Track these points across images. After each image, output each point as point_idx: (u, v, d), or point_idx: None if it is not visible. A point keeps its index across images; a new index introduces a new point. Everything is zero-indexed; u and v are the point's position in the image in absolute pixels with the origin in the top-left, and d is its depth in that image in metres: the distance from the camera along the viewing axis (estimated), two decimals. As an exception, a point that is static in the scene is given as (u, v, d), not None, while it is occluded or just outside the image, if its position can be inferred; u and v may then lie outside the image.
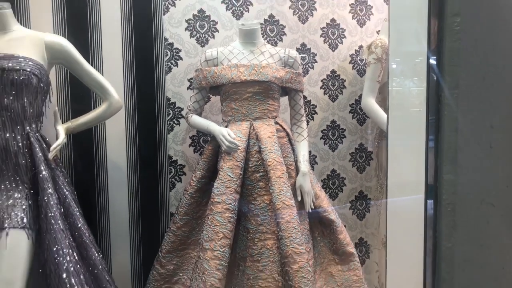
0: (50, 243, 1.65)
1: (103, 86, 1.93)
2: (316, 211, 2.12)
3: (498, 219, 1.53)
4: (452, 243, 1.50)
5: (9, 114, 1.68)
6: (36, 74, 1.72)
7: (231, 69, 2.05)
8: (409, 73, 1.72)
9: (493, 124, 1.50)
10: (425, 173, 1.57)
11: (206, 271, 1.84)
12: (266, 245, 1.95)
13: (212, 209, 1.94)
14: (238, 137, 2.02)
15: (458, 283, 1.53)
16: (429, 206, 1.55)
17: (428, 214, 1.56)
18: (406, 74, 1.73)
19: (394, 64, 1.79)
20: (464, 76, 1.46)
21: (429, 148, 1.56)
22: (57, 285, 1.63)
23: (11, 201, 1.66)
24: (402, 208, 1.75)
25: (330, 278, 2.10)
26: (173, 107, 2.33)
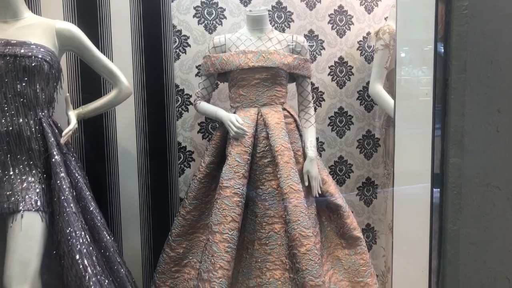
0: (63, 225, 1.69)
1: (113, 73, 1.95)
2: (323, 196, 2.14)
3: (504, 202, 1.55)
4: (458, 226, 1.52)
5: (22, 100, 1.71)
6: (48, 61, 1.75)
7: (239, 56, 2.07)
8: (417, 62, 1.72)
9: (500, 108, 1.51)
10: (432, 162, 1.59)
11: (215, 253, 1.87)
12: (273, 228, 1.98)
13: (220, 193, 1.97)
14: (246, 123, 2.04)
15: (463, 265, 1.55)
16: (435, 195, 1.57)
17: (434, 203, 1.59)
18: (414, 63, 1.74)
19: (402, 53, 1.80)
20: (472, 60, 1.47)
21: (436, 137, 1.58)
22: (70, 266, 1.67)
23: (25, 185, 1.71)
24: (408, 196, 1.78)
25: (337, 262, 2.14)
26: (182, 94, 2.35)
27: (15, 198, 1.68)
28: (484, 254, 1.52)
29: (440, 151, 1.55)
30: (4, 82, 1.68)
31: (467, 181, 1.48)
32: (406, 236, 1.76)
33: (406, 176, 1.78)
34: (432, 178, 1.59)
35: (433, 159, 1.59)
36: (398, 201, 1.86)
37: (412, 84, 1.73)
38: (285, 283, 1.92)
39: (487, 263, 1.52)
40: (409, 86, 1.76)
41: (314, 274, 1.83)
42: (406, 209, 1.83)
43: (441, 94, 1.50)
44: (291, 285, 1.91)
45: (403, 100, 1.75)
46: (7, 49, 1.68)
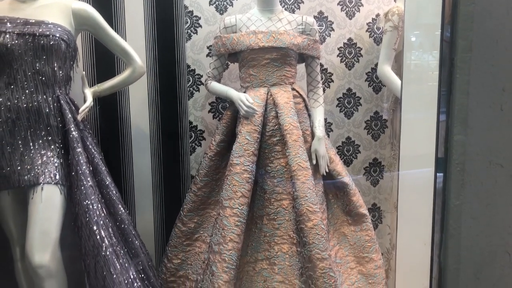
0: (81, 198, 1.77)
1: (127, 52, 2.01)
2: (330, 174, 2.20)
3: (506, 179, 1.59)
4: (460, 201, 1.58)
5: (41, 78, 1.78)
6: (65, 40, 1.81)
7: (250, 36, 2.11)
8: (424, 45, 1.75)
9: (505, 87, 1.55)
10: (436, 146, 1.64)
11: (226, 227, 1.95)
12: (282, 205, 2.05)
13: (231, 170, 2.04)
14: (256, 102, 2.09)
15: (465, 239, 1.61)
16: (439, 179, 1.63)
17: (437, 181, 1.64)
18: (422, 47, 1.76)
19: (410, 36, 1.83)
20: (478, 40, 1.50)
21: (440, 122, 1.62)
22: (88, 237, 1.76)
23: (45, 159, 1.79)
24: (413, 175, 1.83)
25: (343, 238, 2.20)
26: (193, 74, 2.41)
27: (35, 172, 1.76)
28: (485, 229, 1.57)
29: (444, 131, 1.59)
30: (23, 60, 1.75)
31: (471, 158, 1.52)
32: (410, 211, 1.82)
33: (412, 159, 1.84)
34: (436, 161, 1.65)
35: (437, 143, 1.64)
36: (403, 180, 1.93)
37: (419, 67, 1.77)
38: (292, 256, 1.99)
39: (488, 237, 1.58)
40: (416, 70, 1.79)
41: (321, 248, 1.90)
42: (410, 186, 1.88)
43: (447, 74, 1.54)
44: (298, 258, 1.99)
45: (410, 84, 1.79)
46: (26, 28, 1.75)
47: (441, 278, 1.63)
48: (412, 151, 1.83)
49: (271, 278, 2.00)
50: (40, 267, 1.68)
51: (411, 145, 1.83)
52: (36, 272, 1.69)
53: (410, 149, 1.84)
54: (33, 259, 1.68)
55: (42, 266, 1.68)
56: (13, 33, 1.73)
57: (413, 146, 1.82)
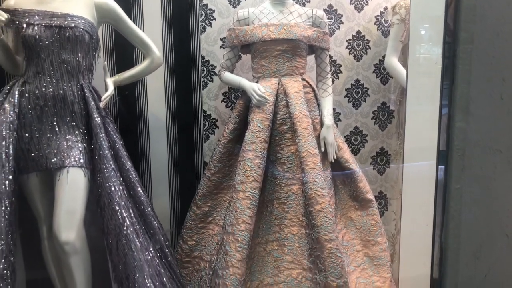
0: (103, 180, 1.89)
1: (146, 43, 2.12)
2: (338, 161, 2.30)
3: (505, 165, 1.68)
4: (461, 185, 1.67)
5: (66, 67, 1.90)
6: (88, 31, 1.92)
7: (262, 28, 2.20)
8: (430, 39, 1.83)
9: (505, 77, 1.64)
10: (438, 139, 1.74)
11: (239, 209, 2.06)
12: (291, 189, 2.15)
13: (243, 156, 2.15)
14: (267, 91, 2.19)
15: (465, 221, 1.71)
16: (441, 167, 1.73)
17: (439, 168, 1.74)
18: (427, 39, 1.84)
19: (415, 29, 1.91)
20: (479, 32, 1.59)
21: (443, 116, 1.72)
22: (110, 216, 1.88)
23: (70, 144, 1.91)
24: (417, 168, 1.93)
25: (350, 222, 2.31)
26: (207, 65, 2.51)
27: (61, 155, 1.88)
28: (485, 211, 1.66)
29: (447, 116, 1.69)
30: (50, 50, 1.86)
31: (471, 144, 1.61)
32: (413, 196, 1.92)
33: (416, 152, 1.93)
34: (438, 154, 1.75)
35: (439, 136, 1.74)
36: (407, 167, 2.02)
37: (425, 59, 1.85)
38: (301, 238, 2.10)
39: (487, 220, 1.67)
40: (421, 62, 1.88)
41: (328, 229, 2.01)
42: (414, 173, 1.98)
43: (450, 65, 1.63)
44: (307, 240, 2.09)
45: (415, 76, 1.88)
46: (53, 20, 1.86)
47: (442, 258, 1.73)
48: (416, 143, 1.93)
49: (281, 259, 2.11)
50: (66, 244, 1.81)
51: (415, 136, 1.93)
52: (63, 249, 1.82)
53: (414, 141, 1.93)
54: (60, 236, 1.81)
55: (68, 243, 1.81)
56: (41, 25, 1.84)
57: (417, 137, 1.92)
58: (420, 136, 1.92)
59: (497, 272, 1.72)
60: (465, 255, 1.67)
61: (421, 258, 1.82)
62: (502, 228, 1.70)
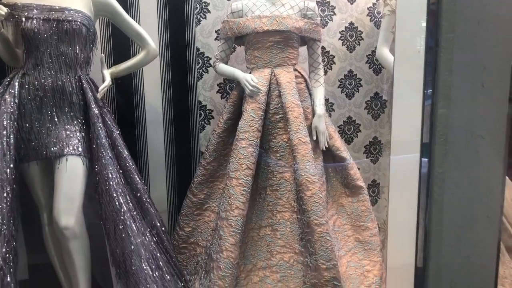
0: (101, 168, 1.96)
1: (141, 36, 2.19)
2: (329, 149, 2.36)
3: (487, 150, 1.75)
4: (444, 169, 1.74)
5: (64, 59, 1.96)
6: (85, 25, 1.99)
7: (254, 20, 2.26)
8: (415, 29, 1.87)
9: (485, 65, 1.70)
10: (421, 131, 1.80)
11: (232, 195, 2.13)
12: (284, 177, 2.22)
13: (237, 144, 2.21)
14: (260, 82, 2.25)
15: (447, 204, 1.77)
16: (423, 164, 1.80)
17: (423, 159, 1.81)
18: (412, 30, 1.89)
19: (401, 20, 1.95)
20: (460, 22, 1.65)
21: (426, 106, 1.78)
22: (108, 203, 1.95)
23: (68, 133, 1.98)
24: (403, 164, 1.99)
25: (341, 208, 2.38)
26: (202, 56, 2.57)
27: (60, 144, 1.95)
28: (467, 195, 1.72)
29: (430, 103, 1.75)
30: (49, 43, 1.93)
31: (453, 130, 1.67)
32: (399, 182, 1.97)
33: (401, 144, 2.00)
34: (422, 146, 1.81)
35: (422, 128, 1.81)
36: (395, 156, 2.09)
37: (409, 49, 1.90)
38: (293, 223, 2.17)
39: (469, 202, 1.73)
40: (406, 52, 1.92)
41: (318, 214, 2.08)
42: (401, 160, 2.04)
43: (433, 51, 1.69)
44: (298, 224, 2.16)
45: (400, 67, 1.93)
46: (51, 14, 1.92)
47: (426, 240, 1.80)
48: (402, 133, 1.99)
49: (274, 243, 2.18)
50: (66, 229, 1.89)
51: (401, 127, 1.99)
52: (63, 234, 1.89)
53: (400, 132, 2.00)
54: (60, 222, 1.89)
55: (68, 228, 1.89)
56: (39, 18, 1.91)
57: (403, 127, 1.98)
58: (406, 127, 1.98)
59: (480, 253, 1.78)
60: (448, 237, 1.74)
61: (408, 247, 1.88)
62: (484, 211, 1.76)
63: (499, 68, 1.69)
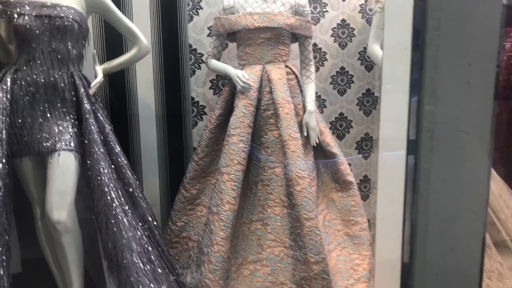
0: (93, 163, 1.98)
1: (133, 32, 2.20)
2: (320, 145, 2.39)
3: (472, 146, 1.78)
4: (429, 165, 1.77)
5: (57, 55, 1.98)
6: (77, 21, 2.01)
7: (246, 17, 2.28)
8: (401, 27, 1.89)
9: (471, 62, 1.72)
10: (407, 128, 1.84)
11: (223, 190, 2.16)
12: (274, 172, 2.25)
13: (228, 140, 2.24)
14: (251, 78, 2.28)
15: (433, 199, 1.81)
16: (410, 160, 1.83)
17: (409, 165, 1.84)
18: (398, 28, 1.91)
19: (389, 17, 1.97)
20: (446, 19, 1.68)
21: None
22: (100, 197, 1.97)
23: (61, 129, 2.00)
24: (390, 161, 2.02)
25: (331, 203, 2.41)
26: (195, 52, 2.59)
27: (53, 140, 1.97)
28: (452, 190, 1.75)
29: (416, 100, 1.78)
30: (41, 39, 1.95)
31: (439, 126, 1.70)
32: (388, 178, 2.00)
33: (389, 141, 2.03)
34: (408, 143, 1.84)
35: (408, 124, 1.84)
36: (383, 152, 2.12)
37: (396, 47, 1.92)
38: (283, 218, 2.20)
39: (455, 197, 1.76)
40: (394, 49, 1.94)
41: (308, 209, 2.11)
42: (389, 157, 2.07)
43: (419, 48, 1.72)
44: (288, 219, 2.19)
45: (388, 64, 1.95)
46: (43, 10, 1.94)
47: (412, 233, 1.83)
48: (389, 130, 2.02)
49: (264, 237, 2.21)
50: (58, 223, 1.91)
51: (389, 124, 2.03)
52: (55, 228, 1.92)
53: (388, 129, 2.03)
54: (52, 216, 1.91)
55: (60, 222, 1.91)
56: (31, 15, 1.92)
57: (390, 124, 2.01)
58: (394, 123, 2.00)
59: (465, 246, 1.81)
60: (434, 231, 1.77)
61: (396, 241, 1.91)
62: (469, 205, 1.79)
63: (484, 66, 1.72)
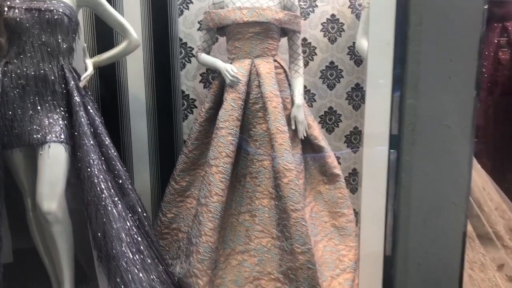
0: (83, 155, 2.01)
1: (123, 26, 2.23)
2: (308, 138, 2.43)
3: (453, 139, 1.82)
4: (411, 157, 1.81)
5: (47, 48, 2.01)
6: (67, 15, 2.03)
7: (235, 11, 2.31)
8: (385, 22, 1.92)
9: (452, 57, 1.76)
10: (390, 122, 1.88)
11: (212, 182, 2.20)
12: (263, 164, 2.29)
13: (217, 133, 2.28)
14: (240, 72, 2.31)
15: (415, 190, 1.85)
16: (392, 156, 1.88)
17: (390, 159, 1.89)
18: (382, 23, 1.93)
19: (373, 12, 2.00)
20: (427, 15, 1.71)
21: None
22: (89, 189, 2.01)
23: (51, 121, 2.03)
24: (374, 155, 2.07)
25: (319, 195, 2.45)
26: (185, 46, 2.62)
27: (43, 132, 2.00)
28: (434, 182, 1.80)
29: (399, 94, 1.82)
30: (31, 32, 1.97)
31: (421, 120, 1.74)
32: (372, 171, 2.04)
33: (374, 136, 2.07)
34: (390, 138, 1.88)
35: (391, 118, 1.88)
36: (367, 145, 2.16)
37: (380, 42, 1.95)
38: (271, 209, 2.24)
39: (436, 189, 1.81)
40: (378, 44, 1.98)
41: (294, 200, 2.15)
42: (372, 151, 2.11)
43: (401, 43, 1.76)
44: (276, 211, 2.24)
45: (374, 60, 1.98)
46: (33, 4, 1.97)
47: (394, 224, 1.88)
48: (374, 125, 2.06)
49: (252, 228, 2.26)
50: (48, 214, 1.95)
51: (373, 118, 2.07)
52: (45, 218, 1.96)
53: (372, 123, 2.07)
54: (42, 206, 1.95)
55: (50, 212, 1.95)
56: (21, 8, 1.95)
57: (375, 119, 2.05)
58: (378, 117, 2.04)
59: (446, 238, 1.86)
60: (416, 222, 1.82)
61: (379, 233, 1.96)
62: (450, 197, 1.84)
63: (466, 61, 1.76)
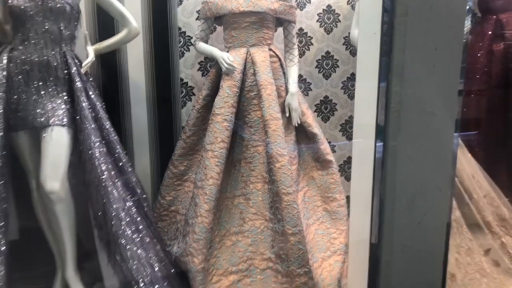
0: (85, 138, 2.11)
1: (124, 15, 2.31)
2: (302, 125, 2.51)
3: (437, 125, 1.90)
4: (397, 142, 1.89)
5: (50, 36, 2.10)
6: (69, 3, 2.12)
7: (231, 1, 2.39)
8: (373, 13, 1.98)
9: (437, 47, 1.84)
10: (376, 110, 1.96)
11: (207, 166, 2.29)
12: (257, 150, 2.37)
13: (213, 119, 2.36)
14: (236, 60, 2.39)
15: (400, 174, 1.94)
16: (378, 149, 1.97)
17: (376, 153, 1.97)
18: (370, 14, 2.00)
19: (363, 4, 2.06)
20: (413, 6, 1.79)
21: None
22: (90, 170, 2.10)
23: (54, 105, 2.12)
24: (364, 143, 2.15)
25: (312, 181, 2.54)
26: (184, 35, 2.70)
27: (46, 115, 2.09)
28: (419, 167, 1.88)
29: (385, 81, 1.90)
30: (34, 20, 2.06)
31: (406, 106, 1.82)
32: (361, 159, 2.13)
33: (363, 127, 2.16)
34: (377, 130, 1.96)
35: (377, 106, 1.96)
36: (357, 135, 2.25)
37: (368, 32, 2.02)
38: (264, 193, 2.34)
39: (421, 174, 1.89)
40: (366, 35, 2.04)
41: (286, 184, 2.24)
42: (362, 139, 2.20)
43: (388, 32, 1.83)
44: (269, 194, 2.33)
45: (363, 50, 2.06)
46: (36, -8, 2.05)
47: (380, 208, 1.96)
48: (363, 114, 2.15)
49: (246, 211, 2.35)
50: (51, 193, 2.05)
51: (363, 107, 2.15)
52: (49, 197, 2.06)
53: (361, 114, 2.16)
54: (46, 186, 2.04)
55: (53, 192, 2.05)
56: (25, -4, 2.04)
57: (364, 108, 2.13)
58: (366, 106, 2.12)
59: (430, 220, 1.94)
60: (401, 205, 1.90)
61: (366, 207, 2.04)
62: (434, 181, 1.92)
63: (450, 50, 1.83)
